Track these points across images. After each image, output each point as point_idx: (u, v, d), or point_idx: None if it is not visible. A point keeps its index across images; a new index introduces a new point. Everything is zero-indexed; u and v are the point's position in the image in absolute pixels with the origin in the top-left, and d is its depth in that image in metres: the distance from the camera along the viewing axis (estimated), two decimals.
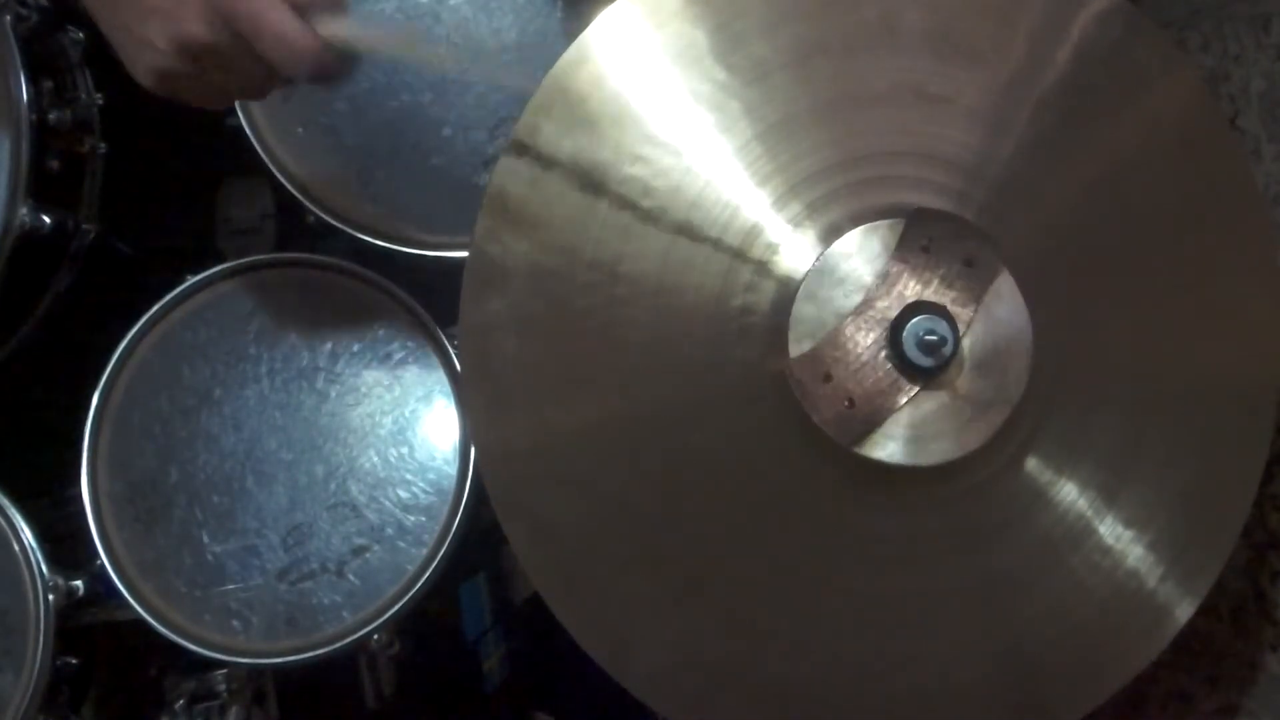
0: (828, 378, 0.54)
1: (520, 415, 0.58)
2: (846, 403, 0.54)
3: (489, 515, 0.59)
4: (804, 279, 0.55)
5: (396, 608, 0.77)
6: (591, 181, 0.57)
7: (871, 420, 0.54)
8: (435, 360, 0.83)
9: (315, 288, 0.84)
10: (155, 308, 0.82)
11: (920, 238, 0.54)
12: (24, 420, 0.92)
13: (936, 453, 0.54)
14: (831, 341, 0.54)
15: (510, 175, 0.57)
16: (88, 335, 0.85)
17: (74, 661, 0.83)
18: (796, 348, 0.54)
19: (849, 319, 0.54)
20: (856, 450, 0.54)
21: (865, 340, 0.54)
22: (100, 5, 0.55)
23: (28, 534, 0.82)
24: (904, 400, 0.54)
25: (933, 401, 0.54)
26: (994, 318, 0.55)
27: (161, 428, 0.82)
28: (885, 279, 0.54)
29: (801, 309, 0.54)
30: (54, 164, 0.81)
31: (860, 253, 0.55)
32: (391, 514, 0.80)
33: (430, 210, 0.81)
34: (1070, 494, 0.58)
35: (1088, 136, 0.59)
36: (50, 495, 0.87)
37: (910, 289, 0.54)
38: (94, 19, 0.56)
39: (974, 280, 0.54)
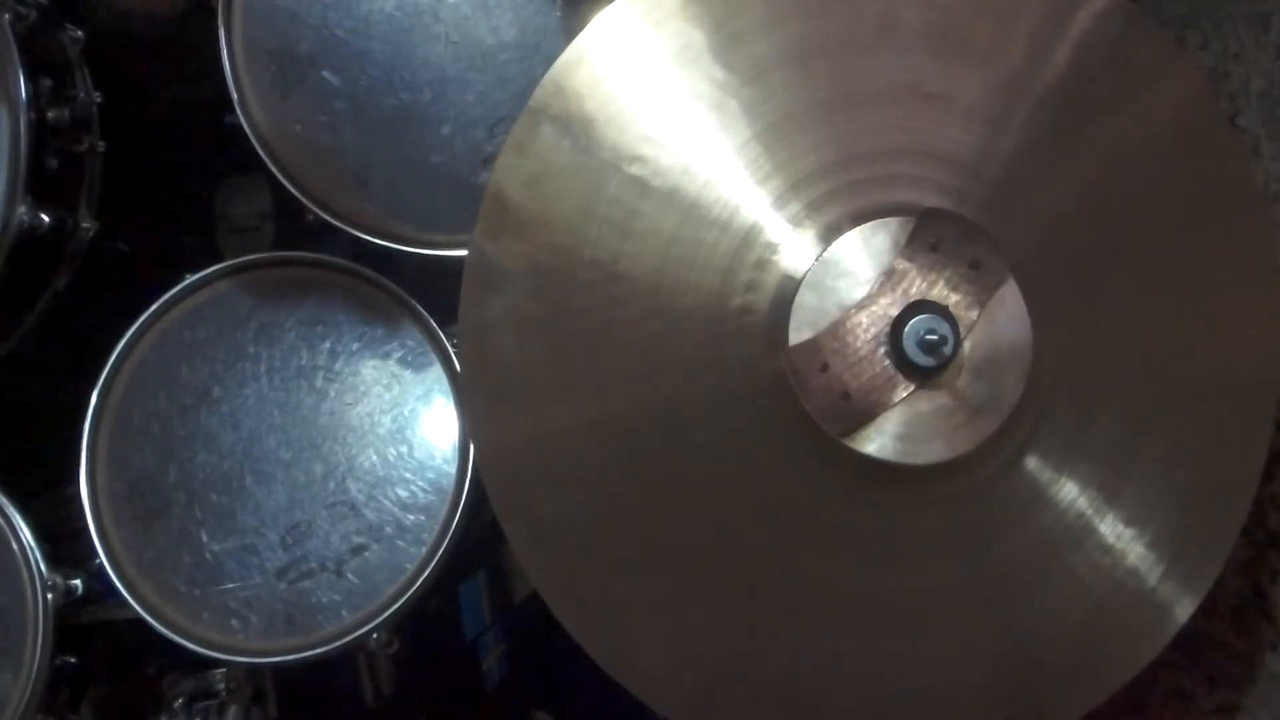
0: (824, 368, 0.54)
1: (519, 415, 0.58)
2: (841, 394, 0.54)
3: (488, 514, 0.59)
4: (811, 267, 0.54)
5: (395, 607, 0.77)
6: (590, 181, 0.57)
7: (864, 414, 0.54)
8: (434, 359, 0.82)
9: (314, 286, 0.83)
10: (154, 306, 0.82)
11: (930, 237, 0.54)
12: (23, 419, 0.92)
13: (926, 452, 0.54)
14: (832, 333, 0.54)
15: (509, 174, 0.57)
16: (86, 334, 0.85)
17: (73, 660, 0.83)
18: (796, 335, 0.54)
19: (851, 312, 0.54)
20: (845, 442, 0.54)
21: (866, 334, 0.54)
22: None
23: (26, 533, 0.81)
24: (899, 397, 0.54)
25: (928, 402, 0.54)
26: (996, 324, 0.54)
27: (160, 426, 0.81)
28: (891, 276, 0.54)
29: (805, 298, 0.54)
30: (53, 163, 0.81)
31: (867, 248, 0.55)
32: (390, 513, 0.80)
33: (429, 209, 0.81)
34: (1070, 493, 0.58)
35: (1087, 135, 0.59)
36: (49, 494, 0.86)
37: (915, 287, 0.54)
38: None
39: (979, 284, 0.54)
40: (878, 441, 0.54)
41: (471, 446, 0.78)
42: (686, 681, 0.59)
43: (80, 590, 0.82)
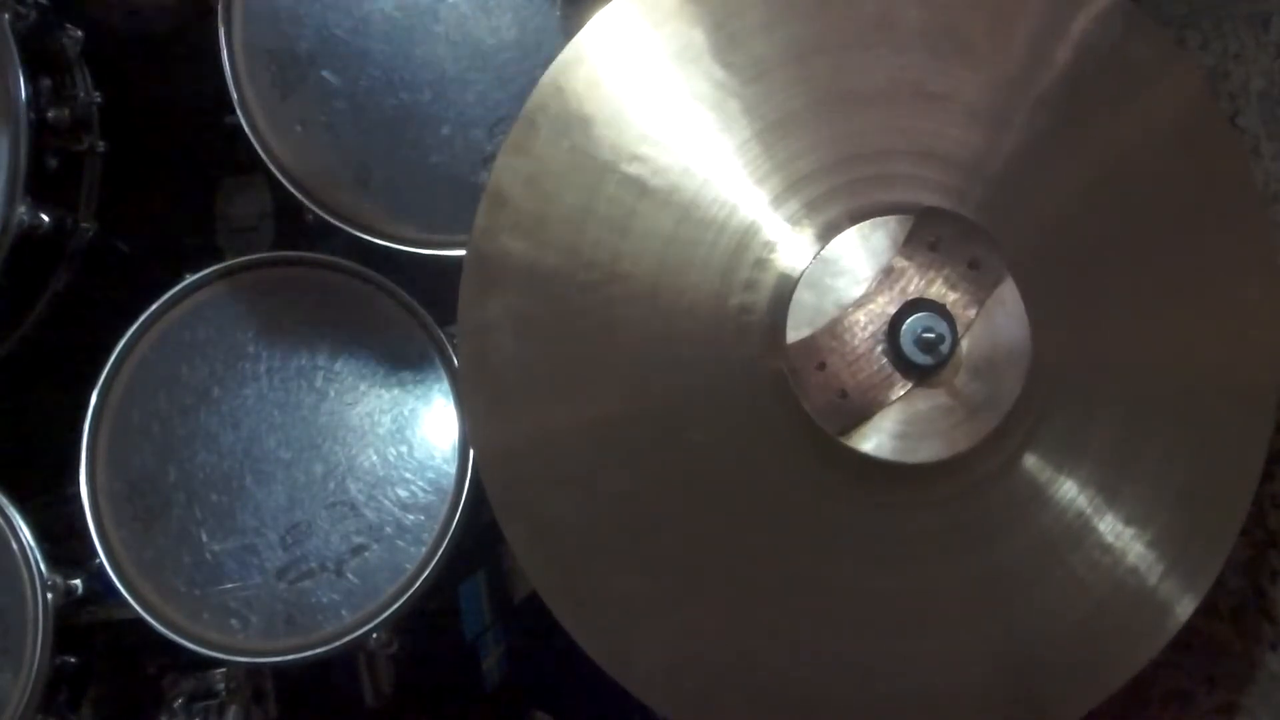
0: (822, 366, 0.54)
1: (519, 415, 0.58)
2: (839, 393, 0.54)
3: (488, 514, 0.59)
4: (808, 266, 0.54)
5: (395, 606, 0.77)
6: (589, 181, 0.57)
7: (862, 413, 0.54)
8: (434, 359, 0.82)
9: (314, 286, 0.83)
10: (154, 306, 0.82)
11: (928, 236, 0.54)
12: (23, 419, 0.92)
13: (924, 451, 0.54)
14: (829, 331, 0.54)
15: (509, 174, 0.57)
16: (86, 334, 0.85)
17: (73, 660, 0.83)
18: (794, 334, 0.54)
19: (849, 310, 0.54)
20: (843, 441, 0.54)
21: (863, 333, 0.54)
22: None
23: (26, 533, 0.82)
24: (897, 396, 0.54)
25: (926, 400, 0.54)
26: (995, 323, 0.54)
27: (160, 426, 0.81)
28: (889, 274, 0.54)
29: (802, 296, 0.54)
30: (52, 162, 0.81)
31: (866, 246, 0.55)
32: (390, 513, 0.80)
33: (429, 209, 0.81)
34: (1070, 492, 0.58)
35: (1087, 135, 0.59)
36: (49, 494, 0.86)
37: (913, 286, 0.54)
38: None
39: (978, 283, 0.54)
40: (875, 440, 0.54)
41: (471, 446, 0.78)
42: (686, 681, 0.59)
43: (80, 590, 0.82)
